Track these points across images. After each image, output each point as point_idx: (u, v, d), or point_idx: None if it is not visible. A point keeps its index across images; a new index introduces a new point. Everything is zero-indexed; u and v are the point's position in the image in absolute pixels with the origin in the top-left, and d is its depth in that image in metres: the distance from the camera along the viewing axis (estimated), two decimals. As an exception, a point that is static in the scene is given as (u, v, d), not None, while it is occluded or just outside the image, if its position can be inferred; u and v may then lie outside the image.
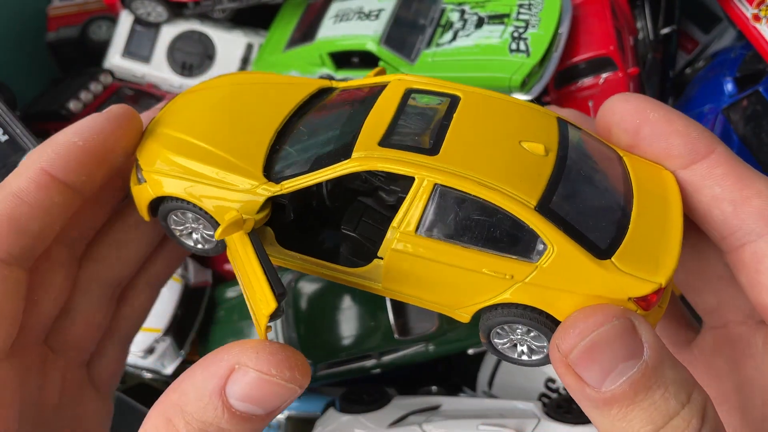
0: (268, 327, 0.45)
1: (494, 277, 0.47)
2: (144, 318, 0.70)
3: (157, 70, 1.11)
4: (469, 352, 0.97)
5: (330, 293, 0.95)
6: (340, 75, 0.97)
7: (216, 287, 1.04)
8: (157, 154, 0.53)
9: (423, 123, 0.50)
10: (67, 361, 0.60)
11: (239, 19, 1.15)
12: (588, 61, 0.94)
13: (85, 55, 1.19)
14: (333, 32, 0.97)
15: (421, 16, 0.96)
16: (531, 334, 0.49)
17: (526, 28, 0.89)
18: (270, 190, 0.50)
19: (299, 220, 0.55)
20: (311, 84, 0.60)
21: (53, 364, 0.58)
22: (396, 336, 0.93)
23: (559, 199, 0.46)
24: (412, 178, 0.47)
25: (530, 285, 0.46)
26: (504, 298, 0.47)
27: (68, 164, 0.51)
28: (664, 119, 0.51)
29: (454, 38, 0.92)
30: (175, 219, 0.56)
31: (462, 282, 0.48)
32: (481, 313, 0.50)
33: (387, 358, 0.95)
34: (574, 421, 0.78)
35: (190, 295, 1.00)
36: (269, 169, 0.51)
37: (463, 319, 0.51)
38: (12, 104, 0.95)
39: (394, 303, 0.94)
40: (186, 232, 0.57)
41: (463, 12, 0.95)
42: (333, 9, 1.01)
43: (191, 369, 0.45)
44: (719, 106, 0.94)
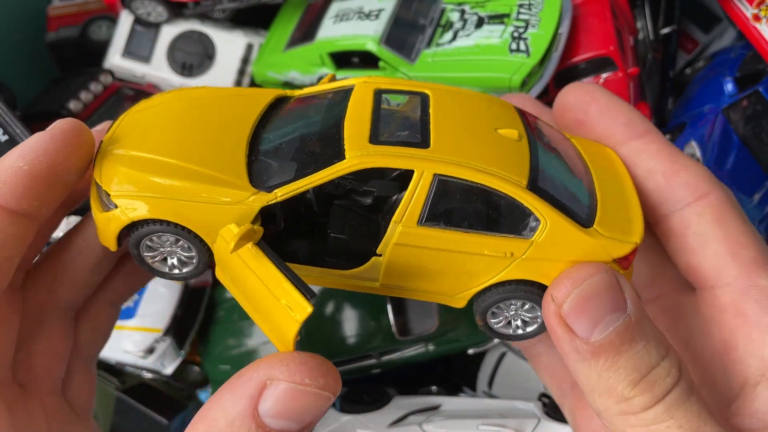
0: (297, 336, 0.43)
1: (495, 257, 0.49)
2: (107, 337, 0.66)
3: (157, 70, 1.11)
4: (469, 352, 0.97)
5: (330, 294, 0.95)
6: (340, 75, 0.97)
7: (216, 287, 1.04)
8: (125, 175, 0.50)
9: (404, 120, 0.52)
10: (42, 393, 0.57)
11: (239, 19, 1.15)
12: (588, 61, 0.94)
13: (85, 55, 1.19)
14: (333, 32, 0.97)
15: (421, 16, 0.96)
16: (525, 306, 0.52)
17: (526, 28, 0.89)
18: (263, 200, 0.49)
19: (287, 228, 0.54)
20: (267, 94, 0.59)
21: (29, 399, 0.55)
22: (396, 336, 0.93)
23: (542, 178, 0.50)
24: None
25: (526, 260, 0.49)
26: (502, 276, 0.50)
27: (15, 191, 0.48)
28: (610, 102, 0.59)
29: (454, 38, 0.92)
30: (149, 245, 0.52)
31: (464, 266, 0.50)
32: (477, 295, 0.52)
33: (387, 358, 0.95)
34: (574, 421, 0.78)
35: (190, 295, 1.00)
36: (252, 180, 0.50)
37: (459, 304, 0.53)
38: (12, 104, 0.95)
39: (394, 303, 0.94)
40: (159, 258, 0.53)
41: (463, 12, 0.95)
42: (333, 9, 1.01)
43: (217, 394, 0.43)
44: (719, 106, 0.94)
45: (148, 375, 1.02)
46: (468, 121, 0.53)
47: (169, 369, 1.00)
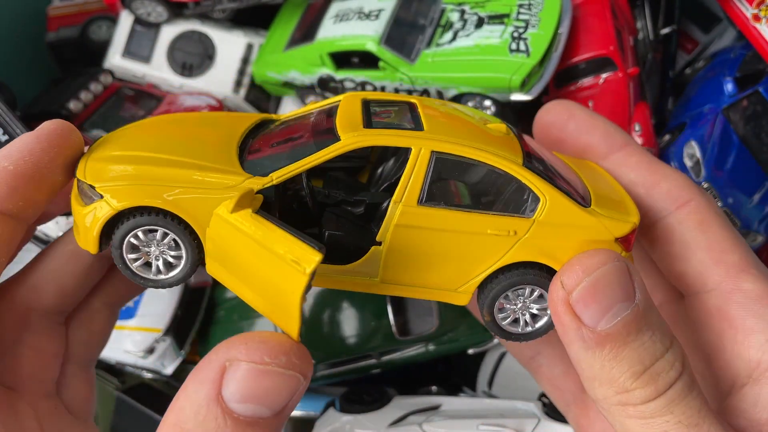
0: (305, 295, 0.41)
1: (498, 236, 0.50)
2: (105, 339, 0.65)
3: (158, 70, 1.11)
4: (469, 352, 0.97)
5: (330, 294, 0.95)
6: (340, 75, 0.97)
7: (216, 287, 1.04)
8: (111, 168, 0.49)
9: (395, 117, 0.53)
10: (33, 395, 0.56)
11: (239, 19, 1.15)
12: (588, 61, 0.94)
13: (85, 55, 1.19)
14: (333, 32, 0.97)
15: (421, 16, 0.96)
16: (533, 295, 0.52)
17: (526, 28, 0.89)
18: (259, 183, 0.49)
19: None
20: (252, 116, 0.59)
21: (18, 400, 0.54)
22: (396, 336, 0.93)
23: (535, 162, 0.51)
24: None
25: (530, 240, 0.50)
26: (507, 259, 0.50)
27: (1, 192, 0.47)
28: (587, 117, 0.61)
29: (454, 38, 0.92)
30: (133, 243, 0.50)
31: (466, 249, 0.50)
32: (482, 286, 0.52)
33: (387, 358, 0.95)
34: (574, 421, 0.78)
35: (190, 295, 1.00)
36: (245, 170, 0.50)
37: (463, 300, 0.53)
38: (12, 104, 0.95)
39: (394, 303, 0.94)
40: (143, 262, 0.51)
41: (463, 12, 0.95)
42: (333, 9, 1.01)
43: (184, 383, 0.41)
44: (719, 106, 0.94)
45: (148, 375, 1.02)
46: (458, 118, 0.55)
47: (169, 369, 1.00)
